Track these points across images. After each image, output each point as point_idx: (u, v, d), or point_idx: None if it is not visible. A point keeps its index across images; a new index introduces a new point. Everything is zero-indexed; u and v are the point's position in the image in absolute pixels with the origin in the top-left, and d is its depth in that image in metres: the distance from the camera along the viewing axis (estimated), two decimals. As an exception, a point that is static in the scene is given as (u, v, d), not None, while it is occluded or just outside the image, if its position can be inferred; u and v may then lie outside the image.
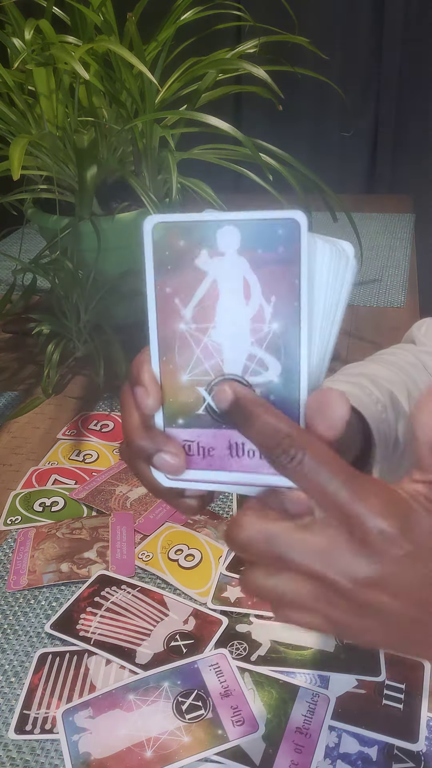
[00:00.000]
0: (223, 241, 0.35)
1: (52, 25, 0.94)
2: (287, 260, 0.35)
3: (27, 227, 1.15)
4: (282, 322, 0.35)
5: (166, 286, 0.36)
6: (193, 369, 0.38)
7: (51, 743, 0.54)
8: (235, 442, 0.38)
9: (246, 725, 0.53)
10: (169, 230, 0.36)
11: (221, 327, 0.36)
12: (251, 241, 0.35)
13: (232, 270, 0.35)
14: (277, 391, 0.36)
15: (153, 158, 1.01)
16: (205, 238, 0.35)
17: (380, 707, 0.55)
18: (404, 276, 1.30)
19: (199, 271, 0.36)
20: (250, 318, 0.36)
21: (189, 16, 1.04)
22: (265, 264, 0.35)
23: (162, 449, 0.38)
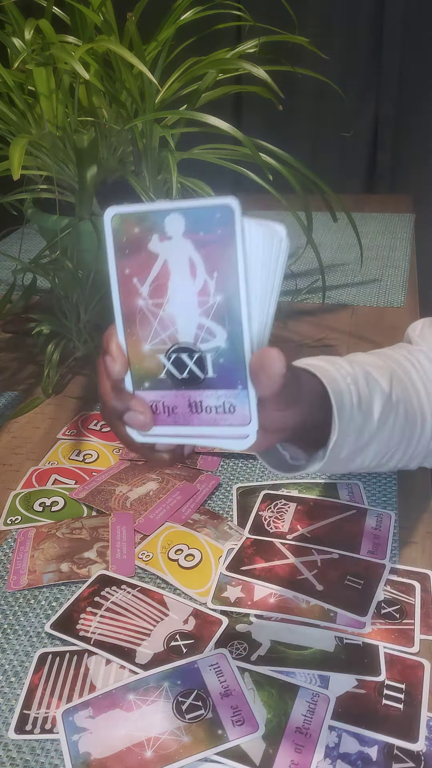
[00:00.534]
0: (170, 227, 0.41)
1: (52, 25, 0.94)
2: (225, 240, 0.40)
3: (27, 227, 1.15)
4: (224, 294, 0.41)
5: (125, 267, 0.42)
6: (152, 339, 0.43)
7: (51, 743, 0.54)
8: (194, 401, 0.44)
9: (246, 725, 0.54)
10: (125, 219, 0.42)
11: (173, 301, 0.42)
12: (194, 225, 0.40)
13: (179, 251, 0.41)
14: (225, 355, 0.42)
15: (153, 158, 1.01)
16: (155, 225, 0.41)
17: (380, 707, 0.55)
18: (404, 276, 1.30)
19: (152, 253, 0.41)
20: (197, 292, 0.41)
21: (189, 16, 1.04)
22: (206, 244, 0.40)
23: (131, 408, 0.45)
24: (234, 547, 0.70)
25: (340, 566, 0.67)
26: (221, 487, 0.79)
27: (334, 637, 0.60)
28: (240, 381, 0.42)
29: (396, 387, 0.62)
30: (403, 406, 0.62)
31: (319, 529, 0.71)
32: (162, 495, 0.77)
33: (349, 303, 1.21)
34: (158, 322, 0.43)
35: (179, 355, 0.43)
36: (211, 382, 0.43)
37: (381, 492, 0.76)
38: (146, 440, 0.46)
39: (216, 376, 0.43)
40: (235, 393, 0.43)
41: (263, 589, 0.65)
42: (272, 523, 0.72)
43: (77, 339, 1.04)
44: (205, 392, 0.43)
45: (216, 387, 0.43)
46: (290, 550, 0.69)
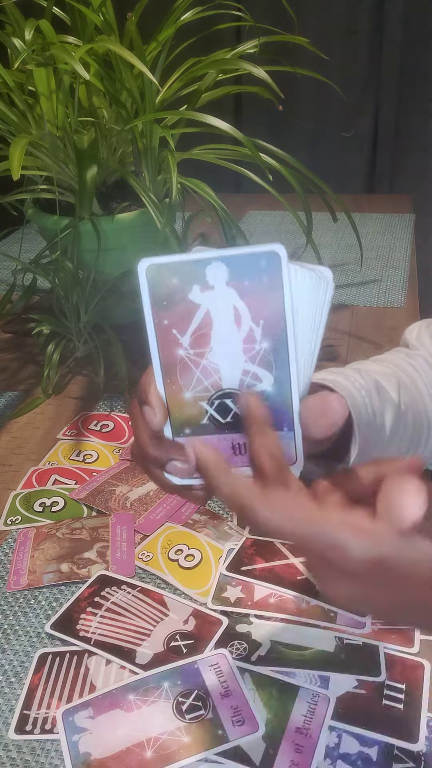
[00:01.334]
0: (212, 276, 0.40)
1: (52, 25, 0.94)
2: (271, 287, 0.39)
3: (27, 227, 1.15)
4: (271, 340, 0.41)
5: (164, 319, 0.41)
6: (194, 387, 0.43)
7: (51, 743, 0.54)
8: (237, 443, 0.43)
9: (246, 725, 0.54)
10: (161, 270, 0.40)
11: (217, 350, 0.41)
12: (238, 274, 0.40)
13: (222, 300, 0.40)
14: (271, 399, 0.42)
15: (153, 158, 1.01)
16: (196, 275, 0.40)
17: (380, 707, 0.55)
18: (404, 276, 1.30)
19: (193, 303, 0.40)
20: (242, 339, 0.41)
21: (189, 16, 1.04)
22: (251, 292, 0.40)
23: (173, 457, 0.44)
24: (234, 547, 0.70)
25: (340, 566, 0.67)
26: (221, 487, 0.79)
27: (334, 637, 0.60)
28: (286, 423, 0.42)
29: (404, 395, 0.62)
30: (411, 413, 0.62)
31: (319, 529, 0.71)
32: (162, 495, 0.77)
33: (349, 303, 1.21)
34: (200, 371, 0.42)
35: (223, 401, 0.43)
36: None
37: (381, 492, 0.76)
38: (186, 483, 0.45)
39: None
40: (281, 434, 0.42)
41: (263, 589, 0.65)
42: (272, 523, 0.72)
43: (77, 339, 1.04)
44: None
45: None
46: (290, 550, 0.69)
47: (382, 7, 1.87)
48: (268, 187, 0.99)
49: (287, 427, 0.42)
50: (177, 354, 0.42)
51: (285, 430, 0.42)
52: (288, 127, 2.05)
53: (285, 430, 0.42)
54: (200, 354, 0.42)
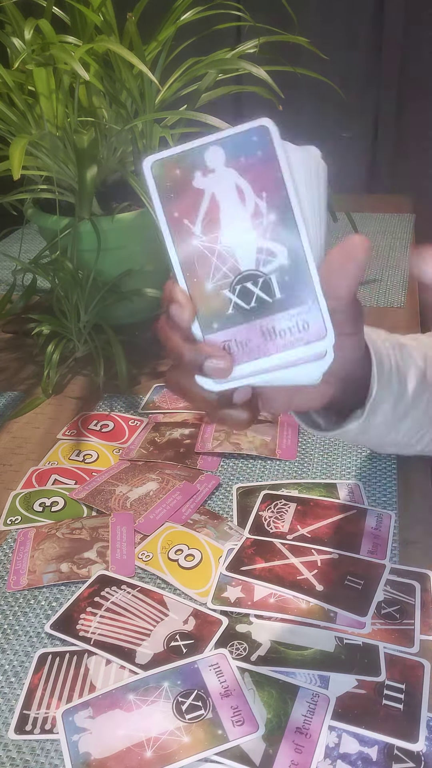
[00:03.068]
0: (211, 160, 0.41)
1: (52, 25, 0.94)
2: (267, 159, 0.40)
3: (27, 227, 1.15)
4: (277, 211, 0.41)
5: (174, 211, 0.42)
6: (214, 276, 0.42)
7: (51, 743, 0.54)
8: (267, 328, 0.43)
9: (246, 725, 0.54)
10: (165, 164, 0.41)
11: (228, 232, 0.41)
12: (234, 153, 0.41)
13: (224, 181, 0.41)
14: (289, 272, 0.42)
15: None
16: (196, 162, 0.41)
17: (380, 707, 0.55)
18: (404, 276, 1.30)
19: (198, 190, 0.41)
20: (250, 216, 0.41)
21: (189, 16, 1.04)
22: (250, 168, 0.41)
23: (209, 355, 0.43)
24: (234, 548, 0.70)
25: (340, 566, 0.67)
26: (221, 487, 0.79)
27: (334, 637, 0.60)
28: (309, 295, 0.42)
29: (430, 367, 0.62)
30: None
31: (319, 529, 0.71)
32: (162, 495, 0.77)
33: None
34: (217, 257, 0.42)
35: (244, 285, 0.42)
36: (280, 304, 0.42)
37: (381, 492, 0.76)
38: (226, 386, 0.44)
39: (284, 297, 0.42)
40: (307, 308, 0.42)
41: (263, 590, 0.65)
42: (272, 523, 0.72)
43: (77, 339, 1.04)
44: (276, 316, 0.42)
45: (286, 308, 0.42)
46: (290, 550, 0.69)
47: (382, 7, 1.88)
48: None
49: (311, 299, 0.42)
50: (191, 244, 0.42)
51: (309, 303, 0.42)
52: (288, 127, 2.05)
53: (309, 303, 0.42)
54: (213, 239, 0.42)
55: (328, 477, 0.79)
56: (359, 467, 0.80)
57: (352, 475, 0.79)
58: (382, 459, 0.81)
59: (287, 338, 0.43)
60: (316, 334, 0.42)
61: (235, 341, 0.43)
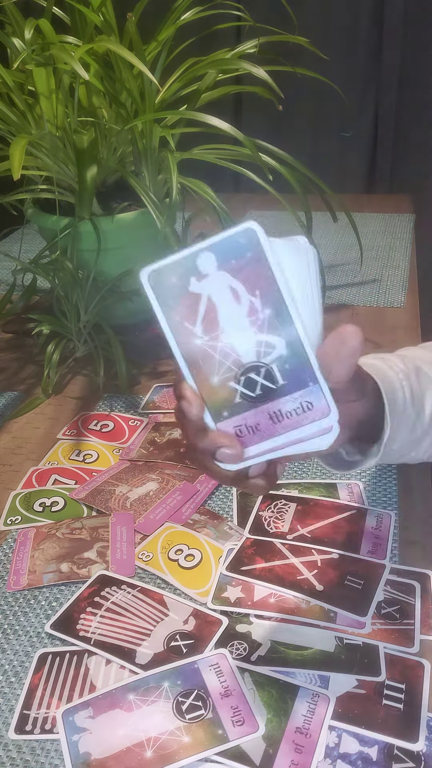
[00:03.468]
0: (204, 266, 0.43)
1: (52, 25, 0.94)
2: (257, 259, 0.43)
3: (27, 227, 1.15)
4: (271, 306, 0.44)
5: (175, 315, 0.44)
6: (219, 370, 0.46)
7: (51, 743, 0.54)
8: (273, 412, 0.46)
9: (246, 725, 0.54)
10: (161, 274, 0.44)
11: (227, 330, 0.45)
12: (225, 257, 0.43)
13: (218, 284, 0.44)
14: (289, 360, 0.45)
15: (153, 158, 1.01)
16: (190, 269, 0.44)
17: (380, 707, 0.55)
18: (404, 276, 1.30)
19: (194, 294, 0.44)
20: (246, 314, 0.44)
21: (189, 16, 1.04)
22: (241, 269, 0.43)
23: (219, 445, 0.46)
24: (234, 547, 0.70)
25: (340, 566, 0.67)
26: (221, 487, 0.79)
27: (334, 637, 0.60)
28: (310, 378, 0.45)
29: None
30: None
31: (319, 529, 0.71)
32: (162, 495, 0.77)
33: (349, 303, 1.21)
34: (219, 354, 0.45)
35: (248, 376, 0.46)
36: (284, 390, 0.45)
37: (381, 492, 0.76)
38: (241, 466, 0.47)
39: (287, 382, 0.45)
40: (309, 390, 0.45)
41: (263, 589, 0.65)
42: (272, 523, 0.72)
43: (77, 339, 1.04)
44: (281, 400, 0.46)
45: (290, 392, 0.45)
46: (290, 550, 0.69)
47: (382, 7, 1.87)
48: (268, 187, 0.99)
49: (311, 381, 0.45)
50: (194, 344, 0.45)
51: (310, 385, 0.45)
52: (288, 127, 2.05)
53: (310, 385, 0.45)
54: (214, 338, 0.45)
55: (328, 477, 0.79)
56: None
57: (352, 475, 0.79)
58: (382, 459, 0.81)
59: (293, 419, 0.46)
60: (320, 412, 0.46)
61: (245, 426, 0.46)
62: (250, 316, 0.44)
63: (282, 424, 0.46)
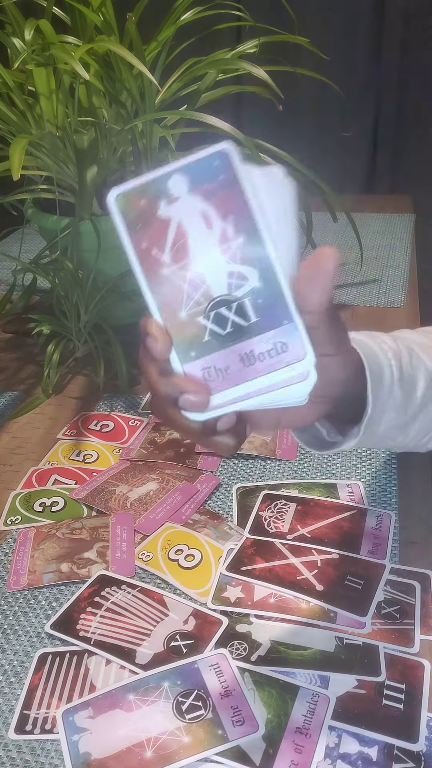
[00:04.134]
0: (175, 188, 0.40)
1: (52, 25, 0.94)
2: (230, 183, 0.40)
3: (27, 227, 1.15)
4: (245, 233, 0.40)
5: (141, 242, 0.41)
6: (187, 304, 0.42)
7: (51, 743, 0.54)
8: (244, 353, 0.42)
9: (246, 725, 0.54)
10: (129, 195, 0.41)
11: (197, 258, 0.41)
12: (197, 179, 0.40)
13: (189, 208, 0.40)
14: (262, 294, 0.41)
15: (153, 158, 1.01)
16: (160, 191, 0.40)
17: (380, 707, 0.55)
18: (404, 276, 1.30)
19: (163, 219, 0.41)
20: (218, 241, 0.41)
21: (189, 16, 1.04)
22: (213, 193, 0.40)
23: (184, 390, 0.42)
24: (234, 548, 0.70)
25: (340, 566, 0.67)
26: (221, 487, 0.79)
27: (334, 637, 0.60)
28: (285, 316, 0.41)
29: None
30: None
31: (319, 529, 0.71)
32: (162, 495, 0.77)
33: (349, 303, 1.21)
34: (188, 284, 0.41)
35: (218, 311, 0.41)
36: (256, 328, 0.41)
37: (381, 492, 0.76)
38: (208, 416, 0.43)
39: (260, 320, 0.41)
40: (284, 329, 0.41)
41: (263, 590, 0.65)
42: (272, 523, 0.72)
43: (77, 339, 1.04)
44: (253, 340, 0.41)
45: (263, 330, 0.41)
46: (290, 550, 0.69)
47: (383, 7, 1.87)
48: (268, 187, 0.99)
49: (286, 319, 0.41)
50: (162, 273, 0.41)
51: (285, 324, 0.41)
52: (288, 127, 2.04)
53: (285, 324, 0.41)
54: (183, 267, 0.41)
55: (328, 477, 0.79)
56: (359, 467, 0.80)
57: (352, 475, 0.79)
58: (382, 459, 0.81)
59: (266, 362, 0.42)
60: (295, 355, 0.41)
61: (214, 368, 0.42)
62: (222, 244, 0.41)
63: (254, 368, 0.42)
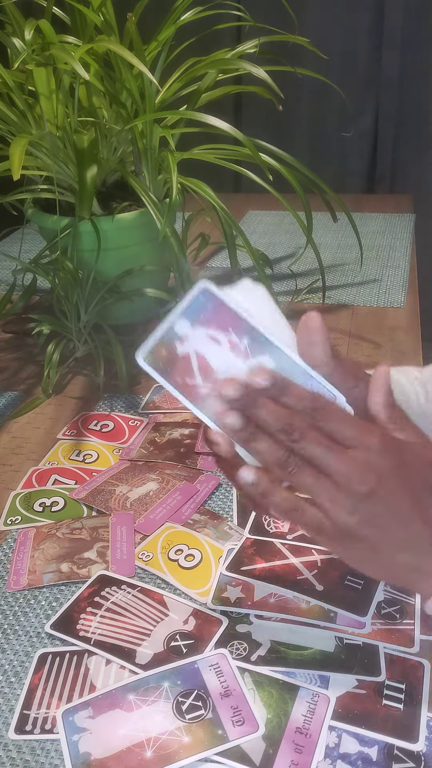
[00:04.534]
0: (180, 330, 0.50)
1: (52, 25, 0.94)
2: (218, 307, 0.49)
3: (27, 227, 1.16)
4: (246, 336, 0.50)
5: (177, 379, 0.51)
6: None
7: (51, 743, 0.54)
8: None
9: (246, 725, 0.54)
10: (152, 352, 0.50)
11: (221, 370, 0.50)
12: (193, 317, 0.50)
13: (197, 339, 0.50)
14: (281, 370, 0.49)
15: (153, 158, 1.01)
16: (171, 338, 0.50)
17: (380, 707, 0.55)
18: (404, 276, 1.30)
19: (183, 355, 0.50)
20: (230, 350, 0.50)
21: (189, 16, 1.04)
22: (210, 320, 0.50)
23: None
24: (234, 547, 0.70)
25: (340, 566, 0.67)
26: (221, 487, 0.79)
27: (334, 637, 0.60)
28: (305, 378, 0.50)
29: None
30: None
31: (319, 529, 0.71)
32: (162, 495, 0.77)
33: (349, 303, 1.21)
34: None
35: None
36: None
37: (381, 492, 0.76)
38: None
39: None
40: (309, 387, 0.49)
41: (263, 589, 0.65)
42: (272, 523, 0.72)
43: (77, 339, 1.04)
44: None
45: None
46: (290, 550, 0.69)
47: (383, 7, 1.88)
48: (268, 187, 0.99)
49: (306, 379, 0.50)
50: (202, 393, 0.51)
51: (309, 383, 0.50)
52: (288, 127, 2.05)
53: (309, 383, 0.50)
54: (214, 380, 0.50)
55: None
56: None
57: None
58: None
59: None
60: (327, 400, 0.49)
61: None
62: (234, 351, 0.50)
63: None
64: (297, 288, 1.25)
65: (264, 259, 1.26)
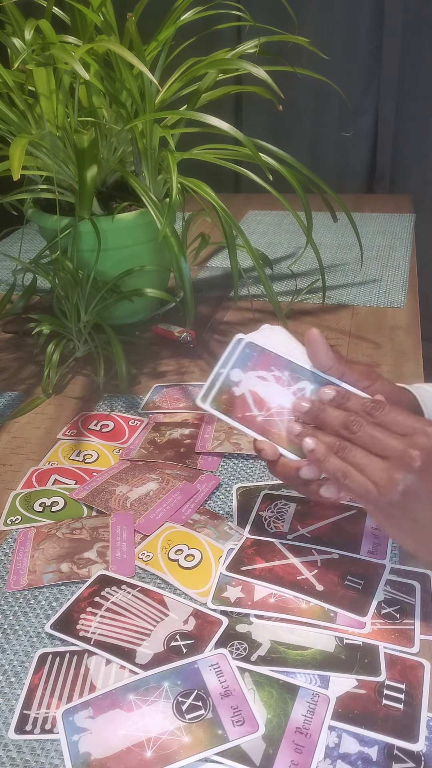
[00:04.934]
0: (235, 377, 0.64)
1: (52, 25, 0.94)
2: (259, 352, 0.64)
3: (27, 227, 1.16)
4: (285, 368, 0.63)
5: (238, 414, 0.64)
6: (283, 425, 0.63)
7: (51, 743, 0.54)
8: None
9: (246, 725, 0.54)
10: (216, 398, 0.64)
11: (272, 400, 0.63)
12: (242, 365, 0.64)
13: (250, 381, 0.64)
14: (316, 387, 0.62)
15: (153, 158, 1.01)
16: (229, 384, 0.64)
17: (380, 707, 0.55)
18: (404, 276, 1.30)
19: (240, 395, 0.64)
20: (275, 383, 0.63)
21: (189, 16, 1.04)
22: (255, 363, 0.64)
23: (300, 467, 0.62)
24: (234, 548, 0.70)
25: (340, 566, 0.67)
26: (221, 487, 0.79)
27: (334, 637, 0.60)
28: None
29: None
30: None
31: (319, 529, 0.71)
32: (162, 495, 0.77)
33: (349, 303, 1.21)
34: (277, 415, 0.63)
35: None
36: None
37: (381, 492, 0.76)
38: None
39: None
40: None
41: (263, 590, 0.65)
42: (272, 523, 0.72)
43: (77, 339, 1.04)
44: None
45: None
46: (290, 550, 0.69)
47: (383, 7, 1.87)
48: (268, 187, 0.99)
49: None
50: (260, 422, 0.64)
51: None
52: (288, 127, 2.05)
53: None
54: (267, 409, 0.63)
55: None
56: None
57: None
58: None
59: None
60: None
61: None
62: (279, 383, 0.63)
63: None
64: (297, 288, 1.25)
65: (264, 259, 1.26)
